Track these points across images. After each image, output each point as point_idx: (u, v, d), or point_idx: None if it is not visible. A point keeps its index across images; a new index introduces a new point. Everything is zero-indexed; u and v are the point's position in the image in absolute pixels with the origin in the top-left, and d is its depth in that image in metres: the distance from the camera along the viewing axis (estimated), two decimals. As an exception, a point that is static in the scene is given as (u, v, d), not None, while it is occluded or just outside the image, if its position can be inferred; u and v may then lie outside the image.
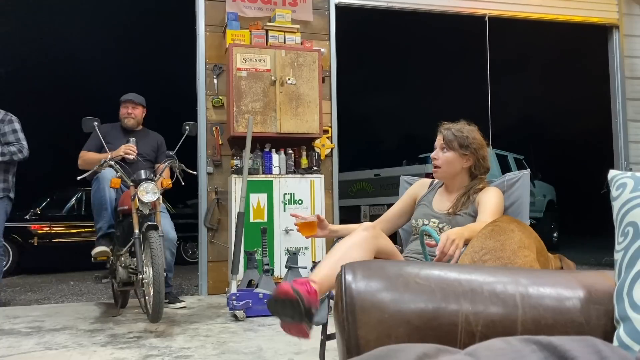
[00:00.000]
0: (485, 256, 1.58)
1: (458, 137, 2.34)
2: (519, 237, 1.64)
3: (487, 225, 1.78)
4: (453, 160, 2.35)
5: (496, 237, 1.64)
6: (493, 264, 1.54)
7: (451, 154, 2.34)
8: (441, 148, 2.36)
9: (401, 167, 8.66)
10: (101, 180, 3.95)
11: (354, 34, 8.82)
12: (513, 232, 1.66)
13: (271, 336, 3.26)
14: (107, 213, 4.00)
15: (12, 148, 4.32)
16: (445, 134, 2.36)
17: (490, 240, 1.64)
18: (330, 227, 2.34)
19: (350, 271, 1.02)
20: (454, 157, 2.34)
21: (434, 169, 2.39)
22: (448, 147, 2.34)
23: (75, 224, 7.81)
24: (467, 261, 1.62)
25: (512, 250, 1.57)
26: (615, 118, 6.47)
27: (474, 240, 1.69)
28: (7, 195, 4.40)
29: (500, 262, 1.54)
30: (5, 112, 4.46)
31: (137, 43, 12.72)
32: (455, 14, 6.07)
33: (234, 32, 4.96)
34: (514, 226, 1.71)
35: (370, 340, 0.94)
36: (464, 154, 2.34)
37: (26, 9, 10.72)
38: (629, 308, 0.93)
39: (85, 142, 4.38)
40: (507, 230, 1.67)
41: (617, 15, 6.47)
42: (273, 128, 4.86)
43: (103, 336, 3.31)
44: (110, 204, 4.01)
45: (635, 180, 1.05)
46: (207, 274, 5.01)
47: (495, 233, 1.66)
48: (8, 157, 4.30)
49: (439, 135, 2.40)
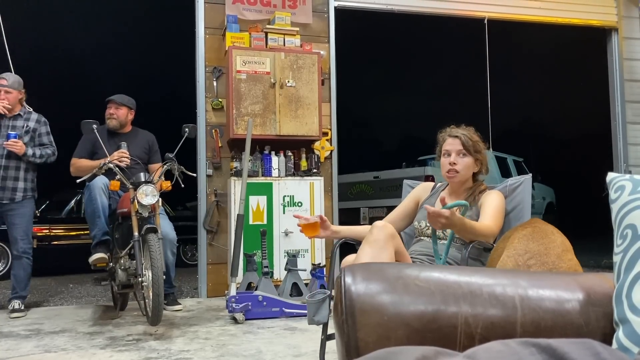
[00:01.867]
0: (530, 260, 1.56)
1: (474, 143, 2.38)
2: (560, 240, 1.61)
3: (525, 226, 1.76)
4: (470, 165, 2.39)
5: (539, 240, 1.61)
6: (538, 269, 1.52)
7: (469, 159, 2.38)
8: (458, 153, 2.38)
9: (401, 170, 8.67)
10: (92, 188, 3.89)
11: (353, 37, 8.83)
12: (554, 235, 1.64)
13: (270, 339, 3.25)
14: (101, 221, 3.94)
15: (48, 150, 4.31)
16: (463, 139, 2.38)
17: (532, 242, 1.61)
18: (332, 228, 2.35)
19: (350, 273, 1.02)
20: (471, 162, 2.39)
21: (450, 173, 2.39)
22: (467, 152, 2.37)
23: (74, 226, 7.80)
24: (510, 264, 1.58)
25: (556, 255, 1.55)
26: (615, 120, 6.48)
27: (517, 242, 1.66)
28: (34, 195, 4.37)
29: (545, 267, 1.52)
30: (33, 112, 4.40)
31: (136, 45, 12.74)
32: (455, 16, 6.08)
33: (234, 34, 4.97)
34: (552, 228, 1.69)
35: (370, 342, 0.94)
36: (477, 158, 2.39)
37: (26, 16, 10.75)
38: (628, 310, 0.93)
39: (76, 148, 4.34)
40: (548, 233, 1.64)
41: (616, 18, 6.48)
42: (272, 130, 4.86)
43: (102, 339, 3.30)
44: (104, 211, 3.94)
45: (634, 182, 1.05)
46: (206, 276, 5.00)
47: (538, 236, 1.64)
48: (45, 159, 4.29)
49: (451, 139, 2.41)
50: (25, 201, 4.28)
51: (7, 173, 4.18)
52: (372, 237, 1.96)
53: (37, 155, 4.24)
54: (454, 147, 2.39)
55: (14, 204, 4.23)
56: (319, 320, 2.06)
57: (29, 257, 4.27)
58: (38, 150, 4.27)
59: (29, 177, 4.30)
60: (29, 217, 4.32)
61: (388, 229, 1.99)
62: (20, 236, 4.23)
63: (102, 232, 3.96)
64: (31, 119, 4.34)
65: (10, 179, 4.19)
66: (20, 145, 4.11)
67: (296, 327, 3.57)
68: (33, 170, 4.34)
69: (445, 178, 2.43)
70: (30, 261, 4.28)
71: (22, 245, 4.23)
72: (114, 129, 4.36)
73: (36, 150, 4.25)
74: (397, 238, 2.03)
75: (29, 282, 4.34)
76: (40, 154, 4.26)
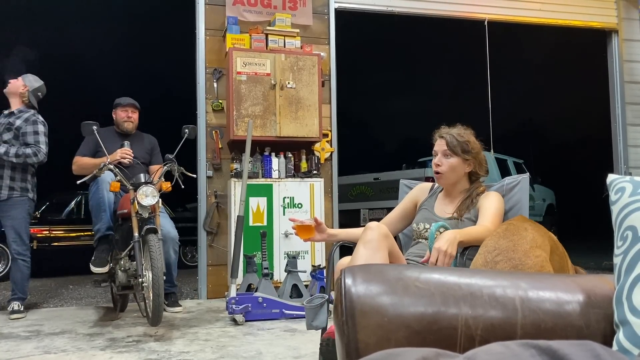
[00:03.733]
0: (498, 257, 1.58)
1: (461, 143, 2.32)
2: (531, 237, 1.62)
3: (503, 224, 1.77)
4: (457, 166, 2.33)
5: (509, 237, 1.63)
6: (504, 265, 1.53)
7: (455, 159, 2.32)
8: (444, 154, 2.33)
9: (401, 171, 8.67)
10: (100, 182, 3.94)
11: (354, 38, 8.84)
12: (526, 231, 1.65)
13: (270, 340, 3.25)
14: (106, 215, 3.99)
15: (28, 150, 4.14)
16: (448, 139, 2.32)
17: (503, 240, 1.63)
18: (328, 231, 2.33)
19: (350, 275, 1.02)
20: (457, 162, 2.33)
21: (436, 175, 2.35)
22: (452, 152, 2.32)
23: (74, 227, 7.81)
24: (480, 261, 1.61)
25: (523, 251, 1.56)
26: (615, 122, 6.48)
27: (488, 240, 1.68)
28: (27, 195, 4.25)
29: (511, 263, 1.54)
30: (34, 113, 4.32)
31: (137, 47, 12.76)
32: (455, 18, 6.08)
33: (234, 36, 4.97)
34: (528, 225, 1.70)
35: (370, 344, 0.94)
36: (466, 159, 2.33)
37: (26, 22, 10.77)
38: (628, 312, 0.93)
39: (79, 147, 4.37)
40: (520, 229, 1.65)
41: (616, 20, 6.48)
42: (273, 132, 4.86)
43: (102, 340, 3.30)
44: (109, 206, 4.00)
45: (634, 184, 1.05)
46: (206, 277, 5.00)
47: (509, 232, 1.65)
48: (22, 159, 4.13)
49: (439, 140, 2.37)
50: (13, 201, 4.18)
51: None
52: (366, 238, 1.96)
53: (11, 154, 4.09)
54: (439, 148, 2.35)
55: (2, 204, 4.17)
56: (318, 326, 2.05)
57: (24, 259, 4.20)
58: (13, 148, 4.11)
59: (17, 176, 4.20)
60: (20, 219, 4.21)
61: (381, 230, 1.98)
62: (12, 238, 4.17)
63: (106, 226, 4.00)
64: (22, 117, 4.23)
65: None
66: None
67: (296, 328, 3.57)
68: (23, 169, 4.23)
69: None
70: (26, 263, 4.21)
71: (15, 247, 4.18)
72: (130, 131, 4.41)
73: (11, 149, 4.10)
74: (391, 238, 2.02)
75: (27, 284, 4.31)
76: (16, 153, 4.10)
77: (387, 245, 1.97)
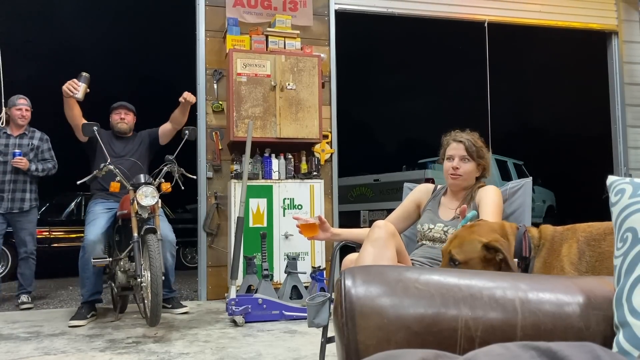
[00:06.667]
0: None
1: (477, 148, 2.39)
2: None
3: None
4: (472, 170, 2.40)
5: None
6: None
7: (471, 164, 2.39)
8: (462, 158, 2.38)
9: (401, 172, 8.68)
10: (87, 250, 3.88)
11: (353, 40, 8.84)
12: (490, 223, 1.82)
13: (270, 341, 3.25)
14: (90, 282, 3.98)
15: (49, 165, 4.87)
16: (467, 144, 2.38)
17: None
18: (332, 230, 2.35)
19: (350, 276, 1.02)
20: (473, 167, 2.39)
21: (453, 177, 2.39)
22: (470, 157, 2.38)
23: (74, 228, 7.80)
24: None
25: None
26: (615, 124, 6.48)
27: None
28: (37, 203, 4.93)
29: None
30: (37, 130, 4.89)
31: (136, 47, 12.76)
32: (455, 19, 6.08)
33: (234, 37, 4.97)
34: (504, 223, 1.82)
35: (370, 345, 0.94)
36: (479, 163, 2.40)
37: (26, 16, 10.76)
38: (628, 314, 0.93)
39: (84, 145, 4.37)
40: None
41: (616, 22, 6.49)
42: (273, 133, 4.86)
43: (102, 341, 3.30)
44: (96, 274, 3.99)
45: (634, 185, 1.05)
46: (206, 279, 5.00)
47: None
48: (46, 172, 4.85)
49: (455, 144, 2.41)
50: (32, 210, 4.87)
51: (16, 186, 4.74)
52: (374, 236, 1.96)
53: (40, 170, 4.80)
54: (457, 152, 2.39)
55: (23, 212, 4.79)
56: (319, 323, 2.05)
57: (34, 257, 4.90)
58: (40, 165, 4.83)
59: (33, 188, 4.86)
60: (35, 223, 4.94)
61: (389, 228, 1.99)
62: (28, 239, 4.85)
63: (90, 293, 4.01)
64: (35, 137, 4.87)
65: (19, 191, 4.76)
66: (24, 162, 4.64)
67: (296, 330, 3.57)
68: (36, 182, 4.89)
69: (447, 181, 2.43)
70: (35, 261, 4.91)
71: (30, 247, 4.85)
72: (124, 132, 4.40)
73: (39, 165, 4.81)
74: (398, 237, 2.03)
75: (34, 279, 4.96)
76: (42, 168, 4.82)
77: (395, 243, 1.97)
